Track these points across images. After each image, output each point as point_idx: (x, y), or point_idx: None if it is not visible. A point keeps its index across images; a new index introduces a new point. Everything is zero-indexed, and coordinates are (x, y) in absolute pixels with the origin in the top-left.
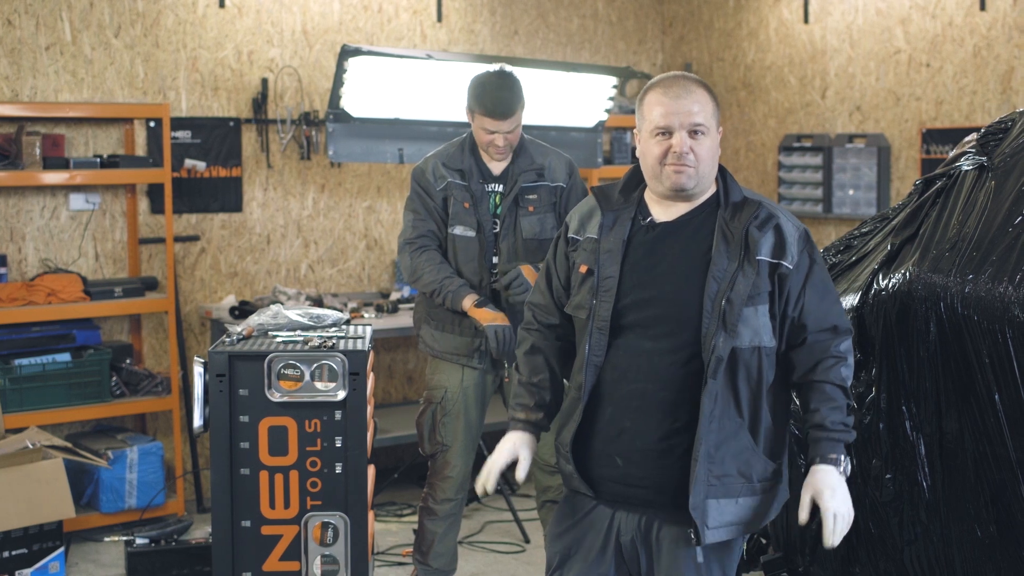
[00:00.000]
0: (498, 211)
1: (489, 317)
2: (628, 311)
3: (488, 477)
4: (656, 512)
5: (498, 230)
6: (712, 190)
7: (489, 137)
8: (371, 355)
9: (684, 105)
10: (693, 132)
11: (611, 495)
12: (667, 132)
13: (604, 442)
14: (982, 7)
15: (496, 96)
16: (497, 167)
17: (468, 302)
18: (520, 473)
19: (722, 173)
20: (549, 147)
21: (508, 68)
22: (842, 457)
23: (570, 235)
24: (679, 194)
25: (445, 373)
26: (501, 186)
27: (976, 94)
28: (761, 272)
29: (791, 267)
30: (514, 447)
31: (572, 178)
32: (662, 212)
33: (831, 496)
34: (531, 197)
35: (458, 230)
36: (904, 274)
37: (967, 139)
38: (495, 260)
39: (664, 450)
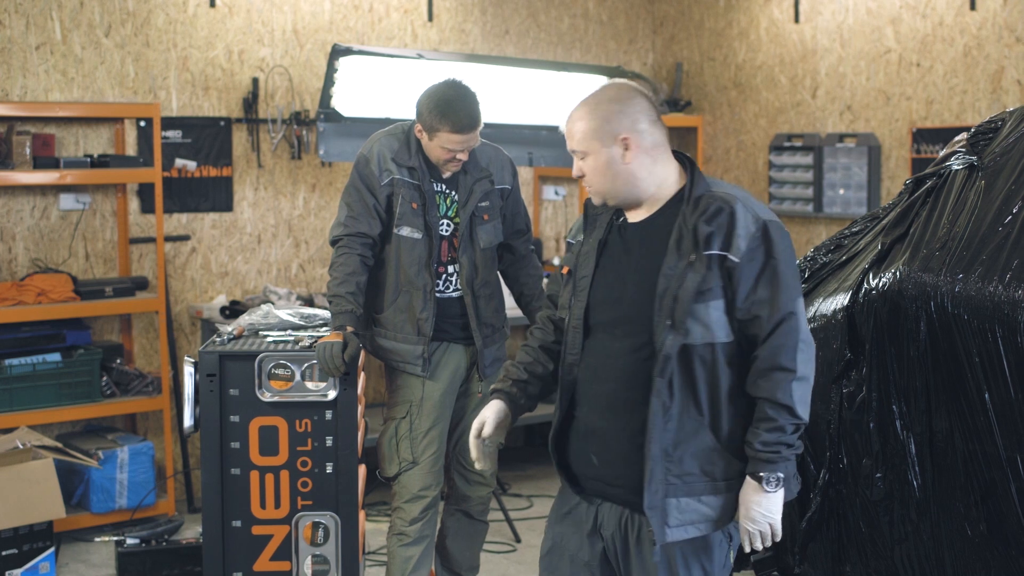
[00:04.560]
0: (448, 212)
1: (327, 337)
2: (598, 311)
3: (475, 451)
4: (634, 510)
5: (449, 234)
6: (680, 186)
7: (451, 154)
8: (362, 354)
9: (567, 129)
10: (579, 156)
11: (592, 491)
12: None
13: (581, 440)
14: (972, 7)
15: (465, 108)
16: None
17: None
18: (486, 429)
19: (692, 168)
20: (488, 143)
21: (454, 78)
22: (771, 476)
23: (568, 239)
24: (607, 208)
25: (409, 387)
26: (453, 192)
27: (966, 93)
28: (712, 266)
29: (737, 260)
30: (482, 413)
31: (515, 178)
32: (633, 213)
33: (744, 513)
34: (484, 205)
35: (405, 231)
36: (894, 273)
37: (957, 138)
38: (453, 270)
39: (634, 449)
